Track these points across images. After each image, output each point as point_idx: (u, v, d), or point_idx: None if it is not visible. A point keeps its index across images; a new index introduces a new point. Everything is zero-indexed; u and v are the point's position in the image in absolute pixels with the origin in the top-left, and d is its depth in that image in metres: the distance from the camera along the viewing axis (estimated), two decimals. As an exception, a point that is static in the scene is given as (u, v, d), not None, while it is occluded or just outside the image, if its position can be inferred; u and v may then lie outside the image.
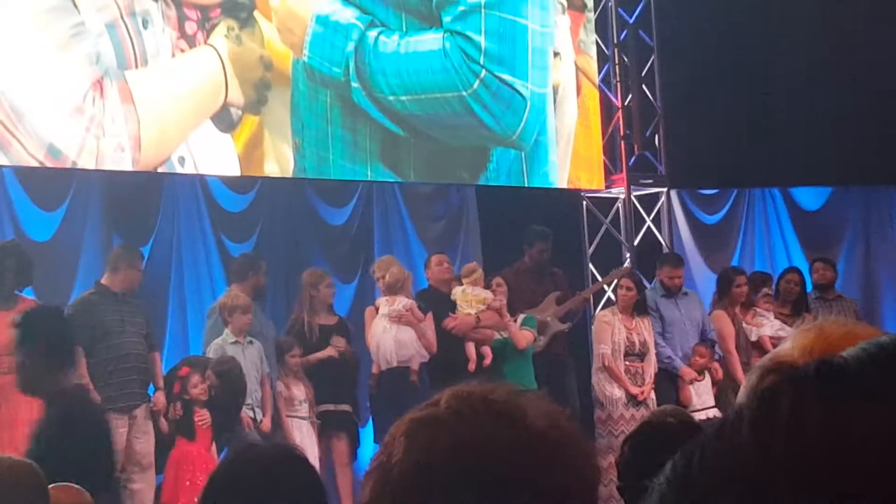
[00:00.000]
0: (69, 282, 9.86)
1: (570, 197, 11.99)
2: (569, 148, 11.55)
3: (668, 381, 10.12)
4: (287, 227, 11.21)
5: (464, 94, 10.57)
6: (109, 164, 9.22)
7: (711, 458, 0.79)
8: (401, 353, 9.36)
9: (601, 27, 12.12)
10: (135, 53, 9.32)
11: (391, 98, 10.34)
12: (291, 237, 11.25)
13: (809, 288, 11.43)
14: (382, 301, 9.52)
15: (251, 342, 9.14)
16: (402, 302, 9.45)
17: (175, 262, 10.61)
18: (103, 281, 8.73)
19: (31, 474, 3.59)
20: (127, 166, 9.31)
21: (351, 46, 10.16)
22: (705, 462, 0.80)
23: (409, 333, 9.41)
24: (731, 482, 0.77)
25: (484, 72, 10.63)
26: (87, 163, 9.10)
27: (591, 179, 11.88)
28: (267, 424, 9.06)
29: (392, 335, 9.38)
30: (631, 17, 12.23)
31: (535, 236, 10.71)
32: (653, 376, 9.90)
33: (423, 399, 1.44)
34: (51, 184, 9.94)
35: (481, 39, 10.61)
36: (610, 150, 12.09)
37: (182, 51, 9.63)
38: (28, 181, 9.87)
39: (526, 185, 11.22)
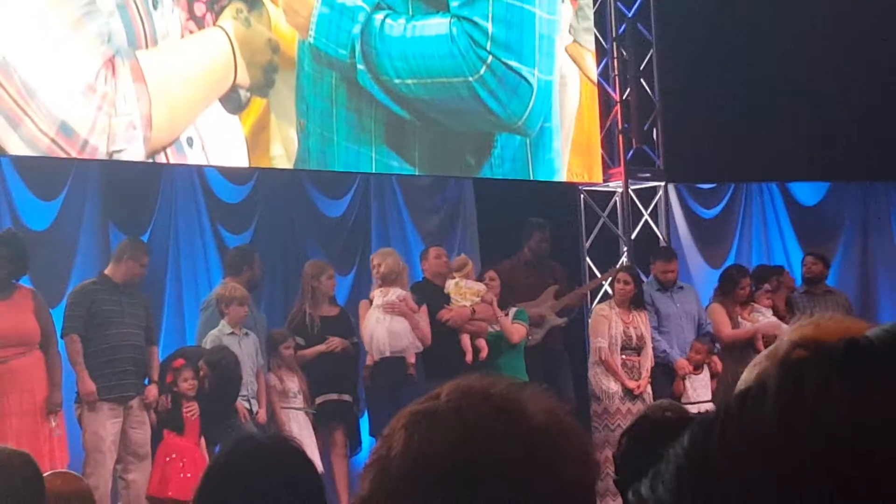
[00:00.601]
0: (66, 271, 9.87)
1: (568, 190, 11.99)
2: (569, 136, 11.56)
3: (664, 375, 10.13)
4: (284, 218, 11.21)
5: (470, 79, 10.58)
6: (121, 143, 9.24)
7: (732, 433, 0.78)
8: (394, 343, 9.36)
9: (600, 21, 12.12)
10: (145, 34, 9.36)
11: (397, 81, 10.35)
12: (289, 228, 11.24)
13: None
14: (377, 292, 9.52)
15: (247, 334, 9.14)
16: (396, 293, 9.45)
17: (172, 253, 10.61)
18: (106, 271, 8.74)
19: (26, 464, 3.60)
20: (138, 145, 9.33)
21: (357, 29, 10.18)
22: (726, 437, 0.78)
23: (403, 324, 9.41)
24: (752, 459, 0.76)
25: (491, 58, 10.64)
26: (98, 141, 9.12)
27: (588, 173, 11.87)
28: (263, 416, 9.07)
29: (385, 325, 9.37)
30: (630, 11, 12.22)
31: (533, 227, 10.73)
32: (649, 370, 9.91)
33: (419, 391, 1.44)
34: (49, 173, 9.93)
35: (488, 25, 10.62)
36: (608, 143, 12.08)
37: (191, 32, 9.65)
38: (26, 170, 9.86)
39: (530, 172, 11.21)
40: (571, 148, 11.60)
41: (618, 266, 11.20)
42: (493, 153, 11.02)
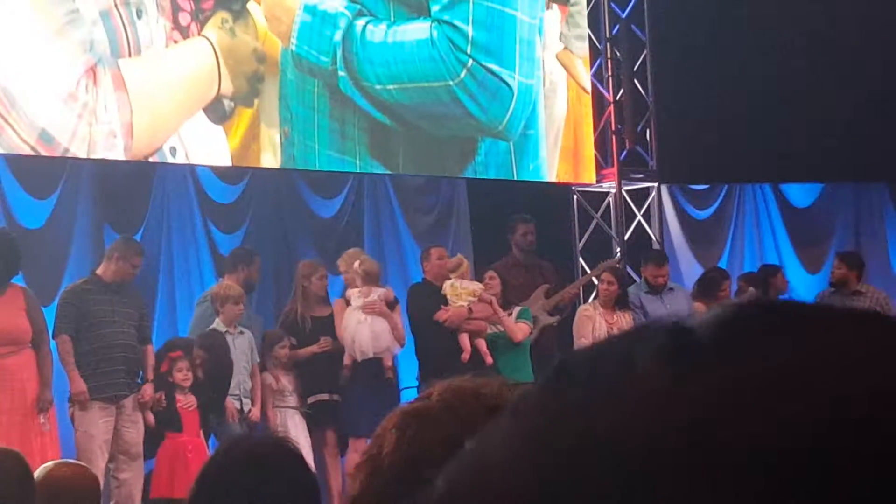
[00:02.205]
0: (60, 269, 9.87)
1: (561, 191, 12.00)
2: (558, 141, 11.56)
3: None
4: (277, 218, 11.21)
5: (450, 83, 10.57)
6: (101, 151, 9.23)
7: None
8: (377, 344, 9.31)
9: (593, 21, 12.12)
10: (128, 42, 9.34)
11: (378, 87, 10.34)
12: (281, 228, 11.25)
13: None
14: (354, 292, 9.44)
15: (242, 332, 9.15)
16: (377, 293, 9.41)
17: (164, 252, 10.61)
18: (98, 271, 8.72)
19: (15, 462, 3.59)
20: (119, 154, 9.32)
21: (338, 35, 10.17)
22: None
23: (384, 324, 9.37)
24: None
25: (471, 61, 10.62)
26: (79, 149, 9.12)
27: (581, 173, 11.88)
28: (256, 414, 9.07)
29: (368, 326, 9.31)
30: (623, 12, 12.23)
31: (516, 221, 10.70)
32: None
33: (396, 392, 1.44)
34: (42, 172, 9.93)
35: (469, 29, 10.60)
36: (601, 144, 12.09)
37: (175, 41, 9.64)
38: (19, 169, 9.87)
39: (514, 178, 11.23)
40: (564, 148, 11.61)
41: (608, 261, 11.19)
42: (476, 159, 11.02)
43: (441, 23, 10.51)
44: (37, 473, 3.80)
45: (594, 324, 9.85)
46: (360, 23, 10.25)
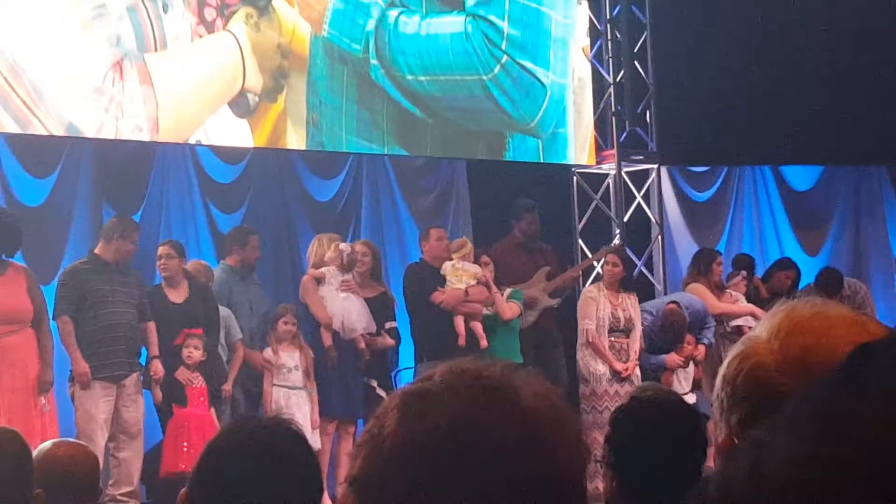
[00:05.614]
0: (60, 248, 9.89)
1: (561, 172, 12.00)
2: (587, 140, 11.60)
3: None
4: (276, 198, 11.22)
5: (484, 78, 10.61)
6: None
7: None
8: (365, 321, 9.34)
9: (594, 3, 12.11)
10: (154, 37, 9.45)
11: (410, 78, 10.39)
12: (280, 208, 11.25)
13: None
14: (332, 270, 9.36)
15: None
16: (342, 275, 9.40)
17: (164, 231, 10.61)
18: (97, 250, 8.73)
19: (12, 441, 3.59)
20: (144, 148, 9.52)
21: (371, 24, 10.22)
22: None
23: (362, 301, 9.41)
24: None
25: (505, 57, 10.67)
26: (105, 143, 9.30)
27: (581, 155, 11.89)
28: (228, 390, 9.10)
29: (353, 303, 9.29)
30: (624, -6, 12.21)
31: (522, 209, 10.70)
32: (637, 352, 9.89)
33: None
34: (42, 150, 9.94)
35: (504, 25, 10.65)
36: (601, 125, 12.09)
37: (200, 36, 9.73)
38: (20, 148, 9.87)
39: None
40: (589, 151, 11.71)
41: (609, 246, 11.20)
42: (504, 155, 11.07)
43: (476, 17, 10.56)
44: (36, 452, 3.80)
45: (598, 305, 9.85)
46: (393, 13, 10.31)
